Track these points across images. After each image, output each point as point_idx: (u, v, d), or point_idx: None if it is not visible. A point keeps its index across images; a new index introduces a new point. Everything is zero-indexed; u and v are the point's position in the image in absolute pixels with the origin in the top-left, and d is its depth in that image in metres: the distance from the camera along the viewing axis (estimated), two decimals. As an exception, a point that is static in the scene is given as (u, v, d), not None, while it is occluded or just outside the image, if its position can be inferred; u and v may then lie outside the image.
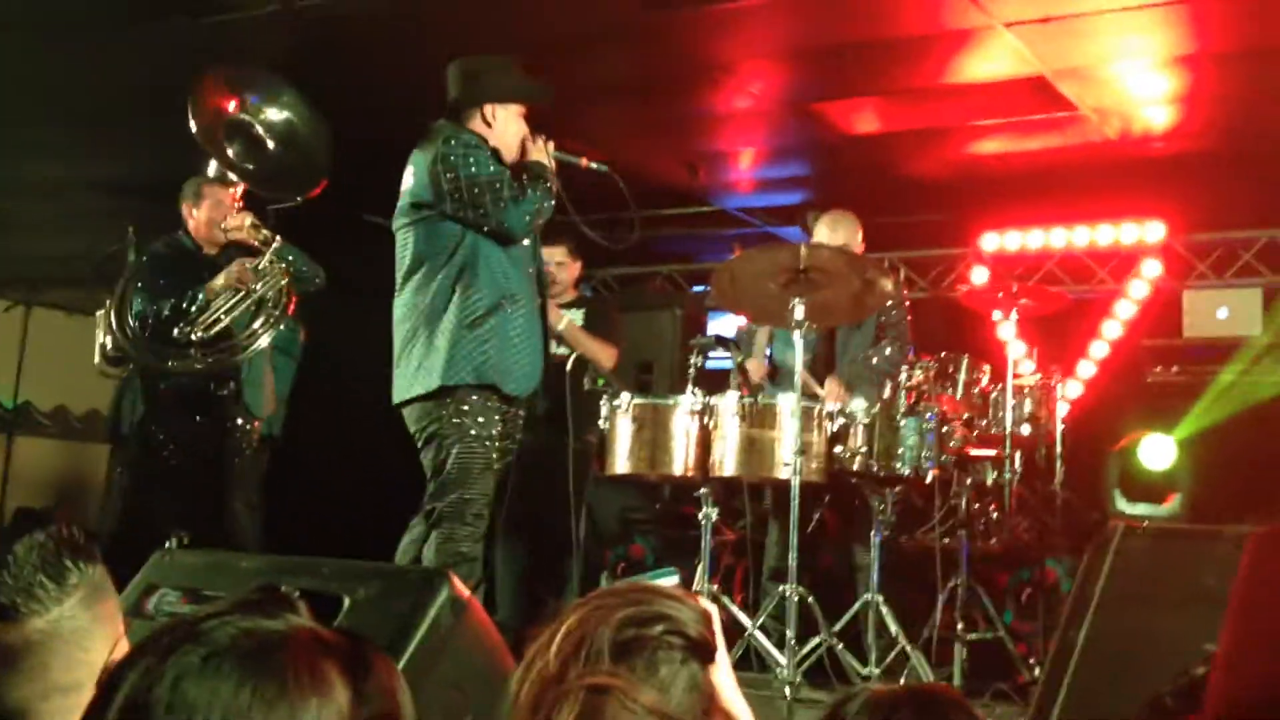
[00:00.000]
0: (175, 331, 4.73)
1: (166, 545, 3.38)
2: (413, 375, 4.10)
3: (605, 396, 4.96)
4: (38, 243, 8.44)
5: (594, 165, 4.45)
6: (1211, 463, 6.25)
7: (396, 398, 4.18)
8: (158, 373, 4.94)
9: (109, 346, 5.00)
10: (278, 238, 4.82)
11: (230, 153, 4.66)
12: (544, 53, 5.68)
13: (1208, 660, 1.66)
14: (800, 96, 6.28)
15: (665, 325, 7.97)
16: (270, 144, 4.73)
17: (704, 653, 1.52)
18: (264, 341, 4.85)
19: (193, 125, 4.58)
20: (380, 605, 2.83)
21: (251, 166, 4.72)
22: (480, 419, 4.06)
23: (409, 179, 4.21)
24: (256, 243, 4.85)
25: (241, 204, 4.90)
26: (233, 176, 4.80)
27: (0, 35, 5.67)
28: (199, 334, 4.73)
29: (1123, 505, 6.42)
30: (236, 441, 5.04)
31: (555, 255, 5.61)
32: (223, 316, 4.75)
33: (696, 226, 8.38)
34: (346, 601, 2.86)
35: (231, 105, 4.67)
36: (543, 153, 4.31)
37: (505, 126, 4.29)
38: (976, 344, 6.11)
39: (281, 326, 4.95)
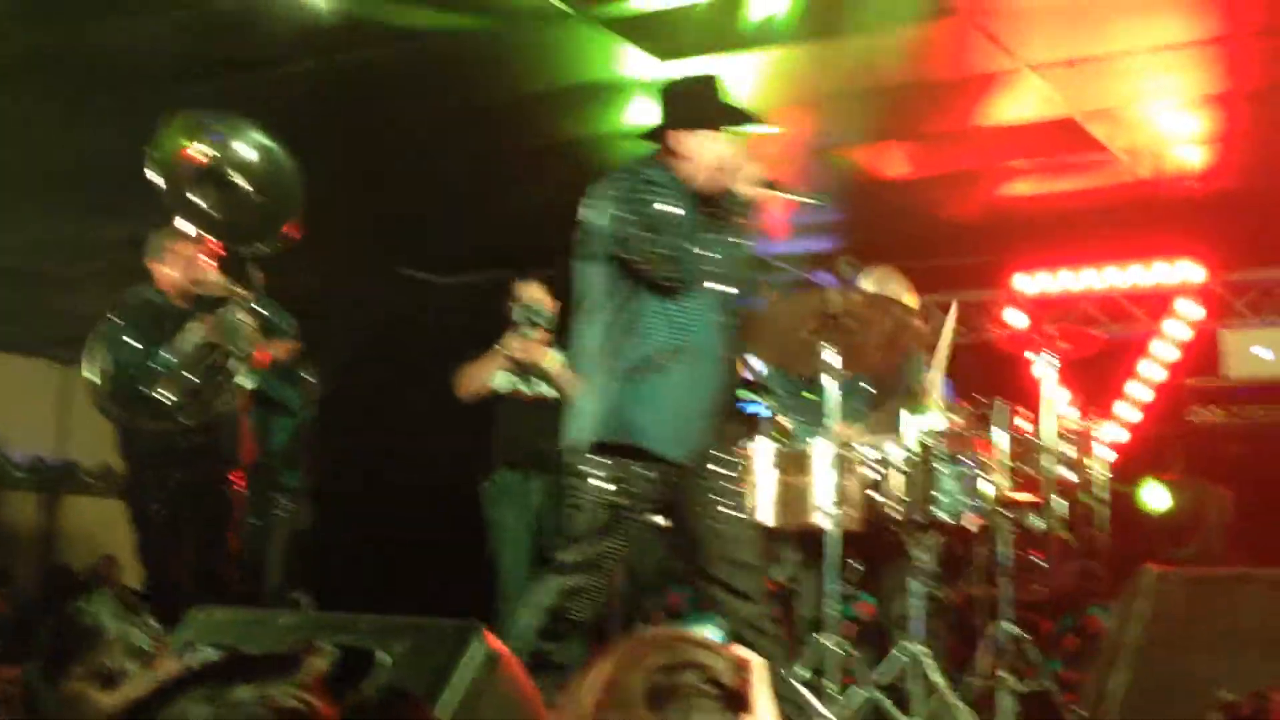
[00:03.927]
0: (146, 391, 4.73)
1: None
2: (567, 423, 3.87)
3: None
4: (72, 301, 8.57)
5: (810, 199, 4.03)
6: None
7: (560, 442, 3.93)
8: (133, 430, 4.95)
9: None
10: (248, 292, 4.79)
11: (201, 203, 4.53)
12: (567, 103, 5.79)
13: (1221, 708, 1.63)
14: (828, 142, 6.30)
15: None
16: (242, 185, 4.59)
17: (739, 703, 1.51)
18: (235, 393, 4.82)
19: (157, 180, 4.46)
20: (415, 660, 2.84)
21: (222, 216, 4.59)
22: (621, 482, 3.73)
23: (587, 212, 3.87)
24: (229, 297, 4.80)
25: (215, 255, 4.83)
26: (202, 232, 4.69)
27: (36, 98, 5.79)
28: (171, 395, 4.72)
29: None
30: (221, 491, 5.03)
31: (535, 292, 5.64)
32: (192, 376, 4.74)
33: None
34: (381, 657, 2.86)
35: (196, 152, 4.54)
36: (746, 183, 3.82)
37: (699, 151, 3.83)
38: (1013, 388, 6.05)
39: (253, 380, 4.90)
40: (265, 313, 4.90)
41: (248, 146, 4.65)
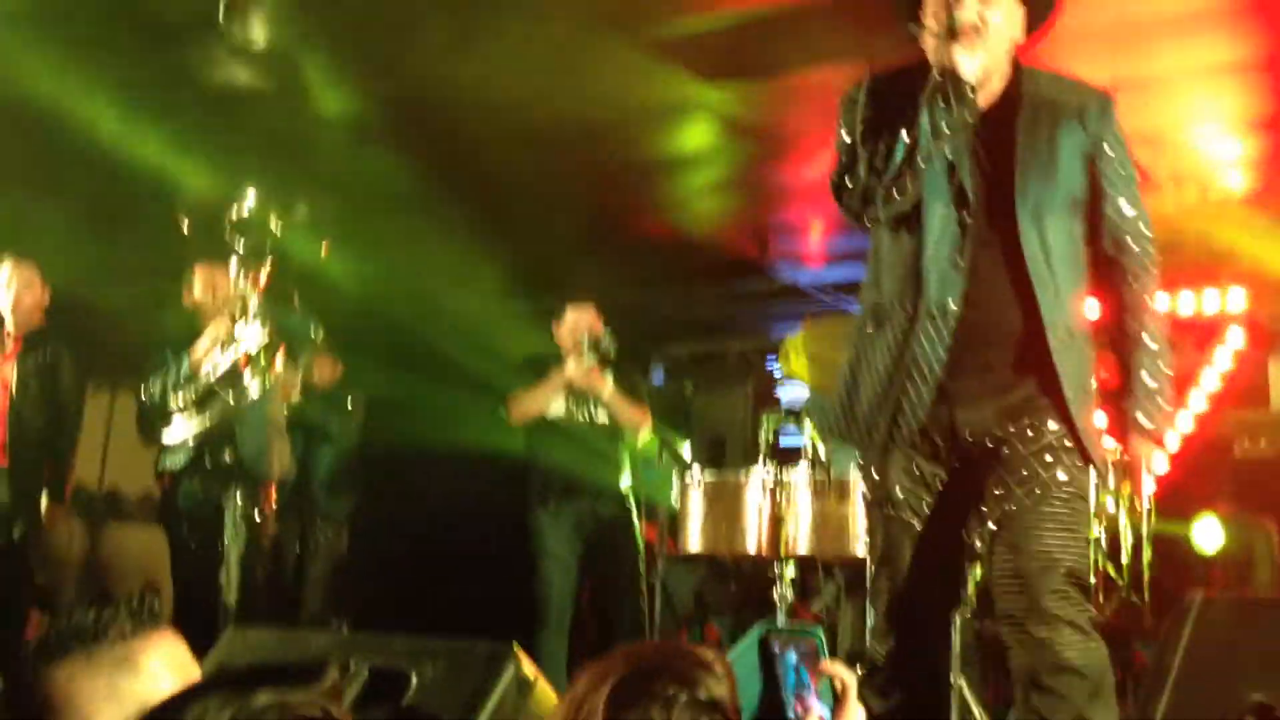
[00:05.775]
0: (170, 405, 4.80)
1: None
2: None
3: (676, 472, 4.94)
4: (116, 330, 8.69)
5: None
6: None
7: None
8: (163, 451, 5.01)
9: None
10: (257, 295, 4.84)
11: (242, 246, 4.71)
12: (611, 126, 5.80)
13: (1255, 710, 1.58)
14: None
15: (738, 401, 7.96)
16: (272, 222, 4.75)
17: (714, 713, 1.48)
18: (254, 395, 4.85)
19: (192, 236, 4.75)
20: (449, 682, 2.82)
21: (266, 246, 4.77)
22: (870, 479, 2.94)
23: None
24: (243, 308, 4.87)
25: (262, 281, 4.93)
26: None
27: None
28: (188, 398, 4.77)
29: None
30: (246, 509, 5.04)
31: (590, 317, 5.61)
32: (209, 378, 4.79)
33: (769, 302, 8.38)
34: (414, 679, 2.85)
35: (223, 209, 4.75)
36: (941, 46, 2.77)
37: (928, 42, 2.85)
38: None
39: (269, 380, 4.93)
40: (284, 320, 4.94)
41: (266, 189, 4.78)
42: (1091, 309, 2.91)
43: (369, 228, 6.43)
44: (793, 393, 7.94)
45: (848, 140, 2.88)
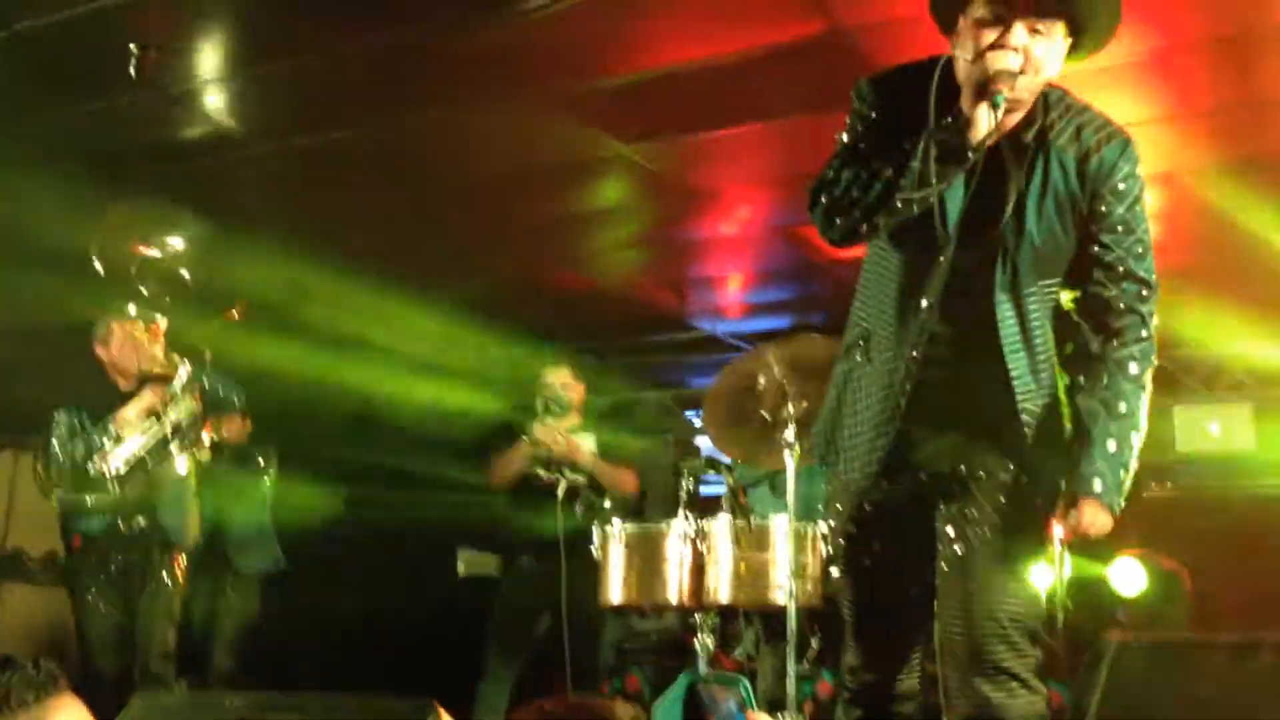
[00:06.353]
0: (91, 469, 4.72)
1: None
2: None
3: (598, 524, 4.92)
4: (20, 387, 8.47)
5: None
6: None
7: None
8: (76, 514, 4.89)
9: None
10: (188, 363, 4.81)
11: (146, 291, 4.69)
12: (529, 181, 5.82)
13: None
14: (786, 220, 6.36)
15: (658, 451, 7.96)
16: (185, 274, 4.75)
17: None
18: (180, 467, 4.81)
19: (100, 269, 4.65)
20: (365, 742, 2.78)
21: (170, 298, 4.76)
22: (831, 512, 3.00)
23: None
24: (171, 373, 4.84)
25: (159, 334, 4.88)
26: (154, 314, 4.83)
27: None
28: (114, 467, 4.70)
29: None
30: (159, 572, 4.94)
31: (560, 377, 5.64)
32: (136, 448, 4.73)
33: (687, 353, 8.42)
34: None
35: (138, 246, 4.72)
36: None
37: (958, 62, 2.60)
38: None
39: (196, 450, 4.89)
40: (209, 387, 4.90)
41: (188, 237, 4.75)
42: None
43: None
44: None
45: (845, 139, 2.72)
